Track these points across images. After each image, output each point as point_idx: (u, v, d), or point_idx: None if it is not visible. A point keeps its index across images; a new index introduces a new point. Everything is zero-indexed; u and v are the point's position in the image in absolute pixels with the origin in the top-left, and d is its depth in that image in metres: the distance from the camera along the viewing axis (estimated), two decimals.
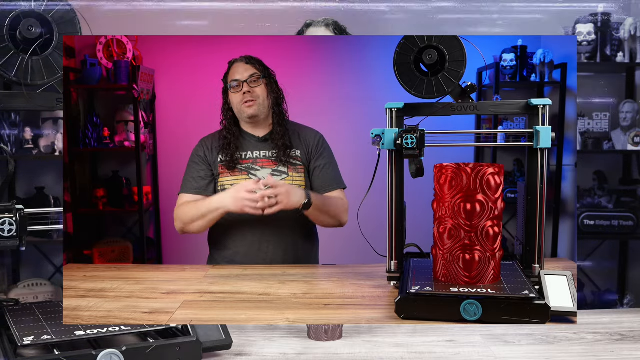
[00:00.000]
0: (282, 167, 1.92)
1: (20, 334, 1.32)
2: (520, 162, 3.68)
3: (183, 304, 1.44)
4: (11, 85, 1.50)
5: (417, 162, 1.42)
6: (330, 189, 1.97)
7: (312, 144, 1.99)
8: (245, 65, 1.93)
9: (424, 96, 1.38)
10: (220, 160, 1.94)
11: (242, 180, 1.89)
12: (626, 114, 3.11)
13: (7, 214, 1.44)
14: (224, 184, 1.92)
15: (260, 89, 1.92)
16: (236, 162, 1.92)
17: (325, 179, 1.97)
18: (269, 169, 1.92)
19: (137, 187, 3.44)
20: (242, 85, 1.90)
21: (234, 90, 1.92)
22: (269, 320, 1.33)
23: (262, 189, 1.72)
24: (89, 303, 1.46)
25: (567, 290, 1.29)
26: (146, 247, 3.49)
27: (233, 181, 1.90)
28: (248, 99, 1.90)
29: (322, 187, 1.96)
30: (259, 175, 1.91)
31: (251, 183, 1.74)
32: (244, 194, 1.72)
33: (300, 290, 1.53)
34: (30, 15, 1.45)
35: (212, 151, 1.97)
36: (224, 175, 1.93)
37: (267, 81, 1.95)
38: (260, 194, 1.71)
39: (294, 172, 1.93)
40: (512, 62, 3.44)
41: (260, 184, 1.73)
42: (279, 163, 1.92)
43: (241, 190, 1.73)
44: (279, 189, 1.72)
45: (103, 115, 3.56)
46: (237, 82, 1.91)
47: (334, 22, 2.03)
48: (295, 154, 1.95)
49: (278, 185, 1.73)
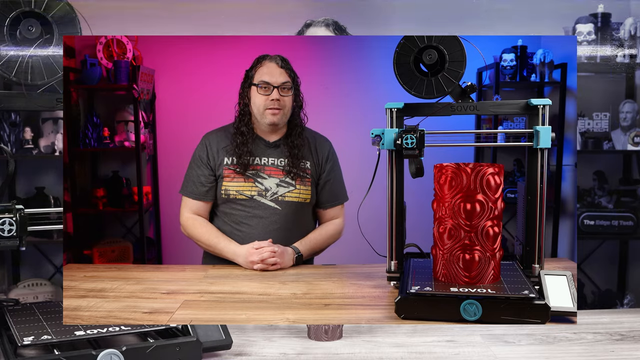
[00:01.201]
0: (289, 179, 1.87)
1: (20, 334, 1.32)
2: (520, 162, 3.68)
3: (183, 304, 1.44)
4: (11, 85, 1.50)
5: (417, 162, 1.42)
6: (333, 205, 1.98)
7: (322, 157, 1.94)
8: (279, 68, 1.84)
9: (424, 96, 1.38)
10: (226, 164, 1.88)
11: (248, 187, 1.85)
12: (626, 114, 3.11)
13: (7, 214, 1.44)
14: (228, 189, 1.86)
15: (288, 99, 1.85)
16: (247, 168, 1.85)
17: (330, 195, 1.97)
18: (276, 179, 1.87)
19: (137, 187, 3.44)
20: (272, 90, 1.82)
21: (262, 91, 1.82)
22: (269, 320, 1.33)
23: (270, 248, 1.76)
24: (89, 303, 1.46)
25: (567, 290, 1.29)
26: (146, 247, 3.49)
27: (238, 187, 1.85)
28: (275, 106, 1.82)
29: (327, 202, 1.97)
30: (265, 184, 1.86)
31: (264, 251, 1.75)
32: (256, 259, 1.74)
33: (300, 290, 1.53)
34: (30, 15, 1.45)
35: (217, 152, 1.89)
36: (229, 179, 1.87)
37: (294, 90, 1.88)
38: (267, 255, 1.75)
39: (301, 185, 1.88)
40: (512, 62, 3.44)
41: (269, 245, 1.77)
42: (287, 174, 1.87)
43: (254, 256, 1.75)
44: (277, 253, 1.76)
45: (103, 115, 3.55)
46: (268, 85, 1.82)
47: (334, 22, 2.02)
48: (305, 166, 1.90)
49: (277, 250, 1.77)
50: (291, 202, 1.87)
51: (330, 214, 1.99)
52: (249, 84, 1.88)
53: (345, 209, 2.04)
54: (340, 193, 1.99)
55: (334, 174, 1.97)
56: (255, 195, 1.85)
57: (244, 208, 1.86)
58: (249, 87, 1.87)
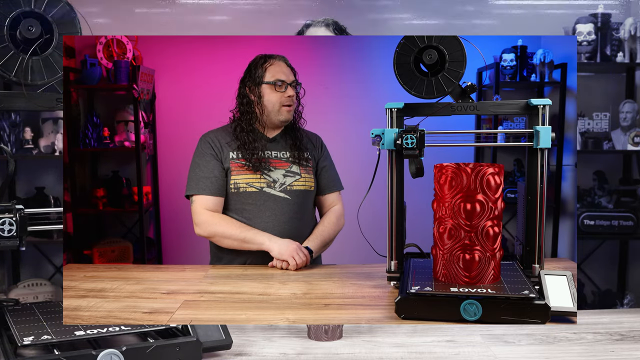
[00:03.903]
0: (295, 168, 1.93)
1: (20, 334, 1.32)
2: (520, 162, 3.68)
3: (183, 304, 1.44)
4: (11, 85, 1.50)
5: (417, 162, 1.42)
6: (332, 190, 2.03)
7: (317, 145, 2.04)
8: (287, 67, 1.93)
9: (424, 96, 1.38)
10: (232, 157, 1.90)
11: (257, 179, 1.87)
12: (626, 114, 3.11)
13: (7, 214, 1.44)
14: (237, 182, 1.87)
15: (296, 97, 1.95)
16: (259, 160, 1.88)
17: (328, 180, 2.03)
18: (282, 170, 1.91)
19: (137, 187, 3.44)
20: (286, 87, 1.89)
21: (276, 89, 1.88)
22: (269, 320, 1.33)
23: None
24: (89, 303, 1.46)
25: (567, 290, 1.29)
26: (146, 247, 3.49)
27: (247, 180, 1.87)
28: (290, 103, 1.90)
29: (326, 188, 2.02)
30: (272, 176, 1.90)
31: (303, 256, 1.78)
32: (298, 251, 1.77)
33: (300, 290, 1.53)
34: (30, 15, 1.45)
35: (222, 147, 1.91)
36: (238, 173, 1.88)
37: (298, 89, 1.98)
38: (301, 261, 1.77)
39: (306, 174, 1.95)
40: (512, 62, 3.44)
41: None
42: (292, 164, 1.93)
43: (297, 248, 1.78)
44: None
45: (103, 115, 3.55)
46: (283, 82, 1.89)
47: (334, 22, 2.02)
48: (306, 155, 1.97)
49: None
50: (299, 190, 1.91)
51: (330, 200, 2.03)
52: (257, 83, 1.90)
53: (345, 209, 2.05)
54: (336, 179, 2.07)
55: (328, 162, 2.05)
56: (264, 187, 1.88)
57: (254, 202, 1.87)
58: (258, 85, 1.90)
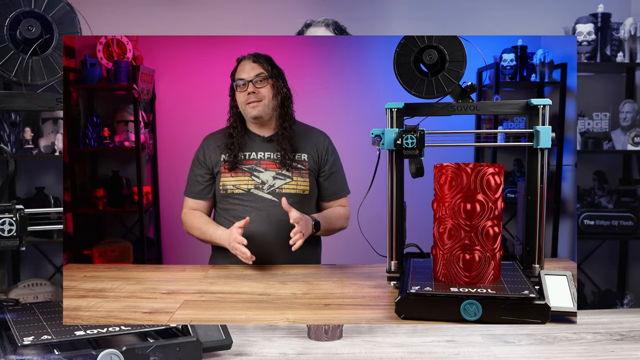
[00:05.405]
0: (285, 171, 1.90)
1: (20, 334, 1.32)
2: (520, 162, 3.68)
3: (183, 304, 1.44)
4: (11, 85, 1.50)
5: (417, 162, 1.42)
6: (337, 197, 2.01)
7: (321, 149, 1.98)
8: (252, 63, 1.90)
9: (424, 96, 1.38)
10: (223, 160, 1.93)
11: (245, 181, 1.89)
12: (626, 114, 3.11)
13: (7, 214, 1.44)
14: (225, 184, 1.91)
15: (266, 90, 1.89)
16: (239, 162, 1.90)
17: (334, 187, 2.00)
18: (272, 172, 1.90)
19: (137, 187, 3.44)
20: (247, 85, 1.88)
21: (239, 89, 1.90)
22: (269, 320, 1.33)
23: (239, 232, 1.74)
24: (89, 303, 1.46)
25: (567, 290, 1.29)
26: (146, 247, 3.49)
27: (234, 182, 1.90)
28: (252, 99, 1.88)
29: (331, 195, 2.00)
30: (262, 177, 1.89)
31: (240, 237, 1.73)
32: (236, 245, 1.74)
33: (300, 290, 1.53)
34: (30, 15, 1.45)
35: (214, 150, 1.95)
36: (225, 175, 1.92)
37: (274, 81, 1.91)
38: (293, 232, 1.72)
39: (298, 177, 1.91)
40: (512, 62, 3.44)
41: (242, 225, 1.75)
42: (283, 167, 1.90)
43: (233, 242, 1.75)
44: (301, 223, 1.74)
45: (103, 115, 3.55)
46: (243, 81, 1.89)
47: (334, 22, 2.02)
48: (301, 158, 1.94)
49: (300, 220, 1.74)
50: (288, 194, 1.88)
51: (336, 205, 2.02)
52: (232, 87, 1.95)
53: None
54: (342, 185, 2.04)
55: (335, 167, 2.01)
56: (252, 189, 1.89)
57: (241, 202, 1.89)
58: (233, 89, 1.95)
